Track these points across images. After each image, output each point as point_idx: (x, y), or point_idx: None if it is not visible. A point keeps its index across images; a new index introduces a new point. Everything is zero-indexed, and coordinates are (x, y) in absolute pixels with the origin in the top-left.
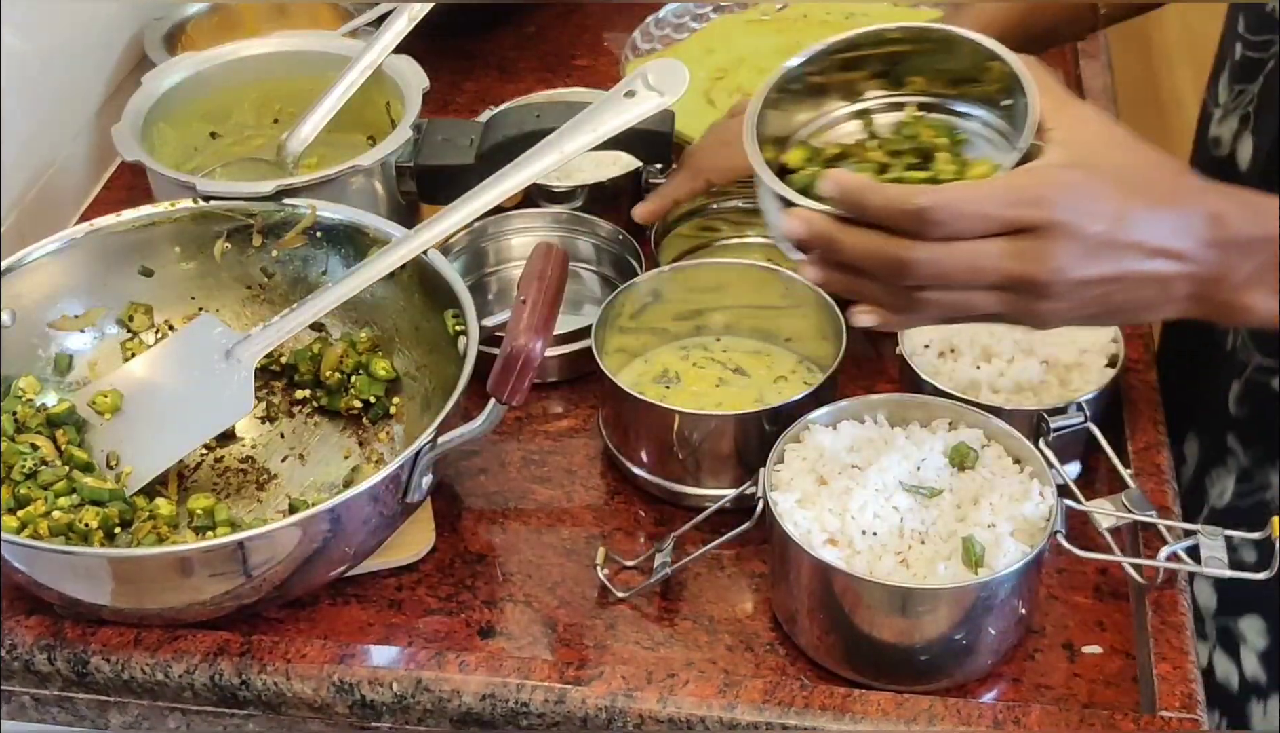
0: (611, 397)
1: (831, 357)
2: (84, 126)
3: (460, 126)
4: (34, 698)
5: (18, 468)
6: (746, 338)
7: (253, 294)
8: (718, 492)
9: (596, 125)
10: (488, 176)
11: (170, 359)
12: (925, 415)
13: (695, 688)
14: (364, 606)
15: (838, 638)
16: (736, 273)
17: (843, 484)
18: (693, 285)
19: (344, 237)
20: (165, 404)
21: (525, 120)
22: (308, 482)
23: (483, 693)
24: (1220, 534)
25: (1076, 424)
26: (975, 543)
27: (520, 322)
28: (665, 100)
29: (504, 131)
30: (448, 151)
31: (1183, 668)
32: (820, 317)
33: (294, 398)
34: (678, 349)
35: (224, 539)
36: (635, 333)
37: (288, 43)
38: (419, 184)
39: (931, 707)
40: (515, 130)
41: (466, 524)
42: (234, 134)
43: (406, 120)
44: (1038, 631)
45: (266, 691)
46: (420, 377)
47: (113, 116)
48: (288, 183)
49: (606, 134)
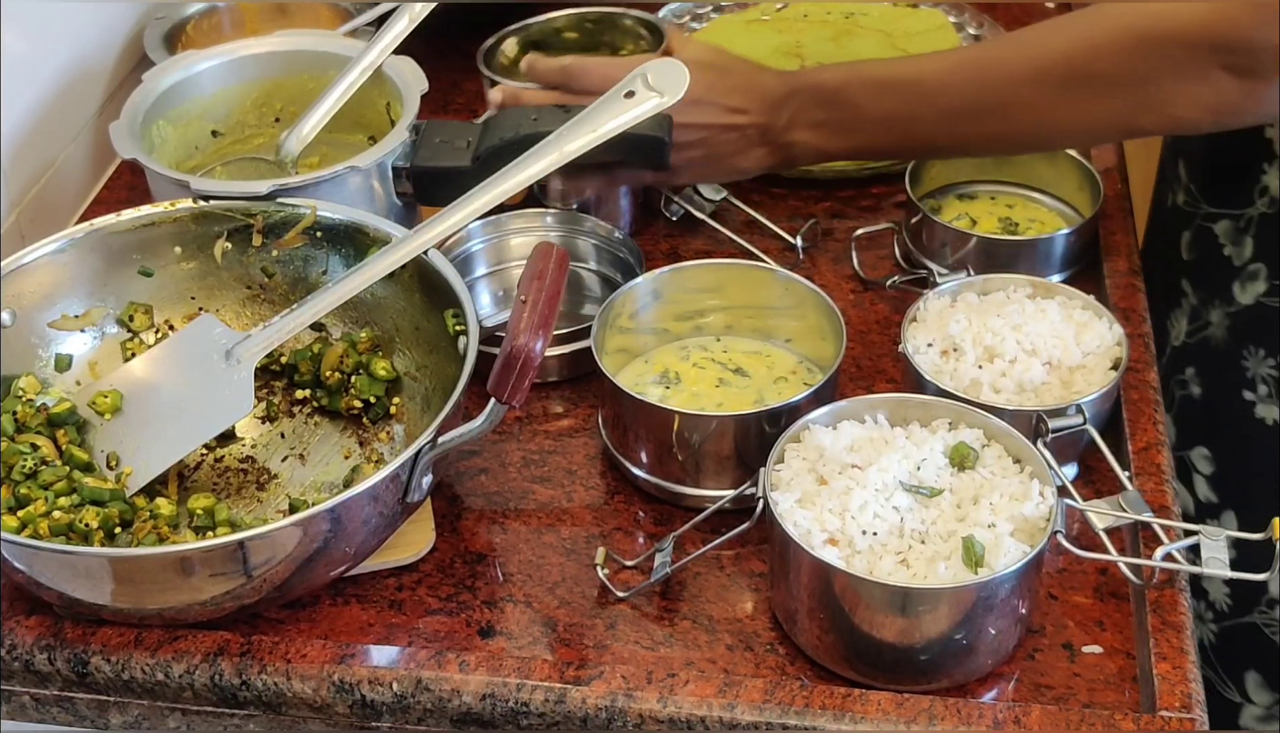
0: (611, 397)
1: (831, 357)
2: (84, 126)
3: (458, 128)
4: (34, 698)
5: (18, 468)
6: (746, 338)
7: (253, 294)
8: (717, 492)
9: (596, 125)
10: (484, 179)
11: (170, 359)
12: (925, 415)
13: (695, 688)
14: (364, 606)
15: (838, 638)
16: (736, 273)
17: (843, 484)
18: (692, 286)
19: (344, 237)
20: (165, 405)
21: (522, 123)
22: (308, 482)
23: (483, 693)
24: (1221, 535)
25: (1075, 426)
26: (975, 543)
27: (520, 322)
28: (665, 101)
29: (500, 134)
30: (444, 153)
31: (1182, 668)
32: (819, 317)
33: (294, 398)
34: (678, 349)
35: (224, 539)
36: (635, 333)
37: (290, 42)
38: (415, 185)
39: (931, 707)
40: (512, 133)
41: (466, 524)
42: (235, 133)
43: (403, 122)
44: (1038, 631)
45: (266, 691)
46: (420, 377)
47: (113, 116)
48: (283, 183)
49: (607, 134)
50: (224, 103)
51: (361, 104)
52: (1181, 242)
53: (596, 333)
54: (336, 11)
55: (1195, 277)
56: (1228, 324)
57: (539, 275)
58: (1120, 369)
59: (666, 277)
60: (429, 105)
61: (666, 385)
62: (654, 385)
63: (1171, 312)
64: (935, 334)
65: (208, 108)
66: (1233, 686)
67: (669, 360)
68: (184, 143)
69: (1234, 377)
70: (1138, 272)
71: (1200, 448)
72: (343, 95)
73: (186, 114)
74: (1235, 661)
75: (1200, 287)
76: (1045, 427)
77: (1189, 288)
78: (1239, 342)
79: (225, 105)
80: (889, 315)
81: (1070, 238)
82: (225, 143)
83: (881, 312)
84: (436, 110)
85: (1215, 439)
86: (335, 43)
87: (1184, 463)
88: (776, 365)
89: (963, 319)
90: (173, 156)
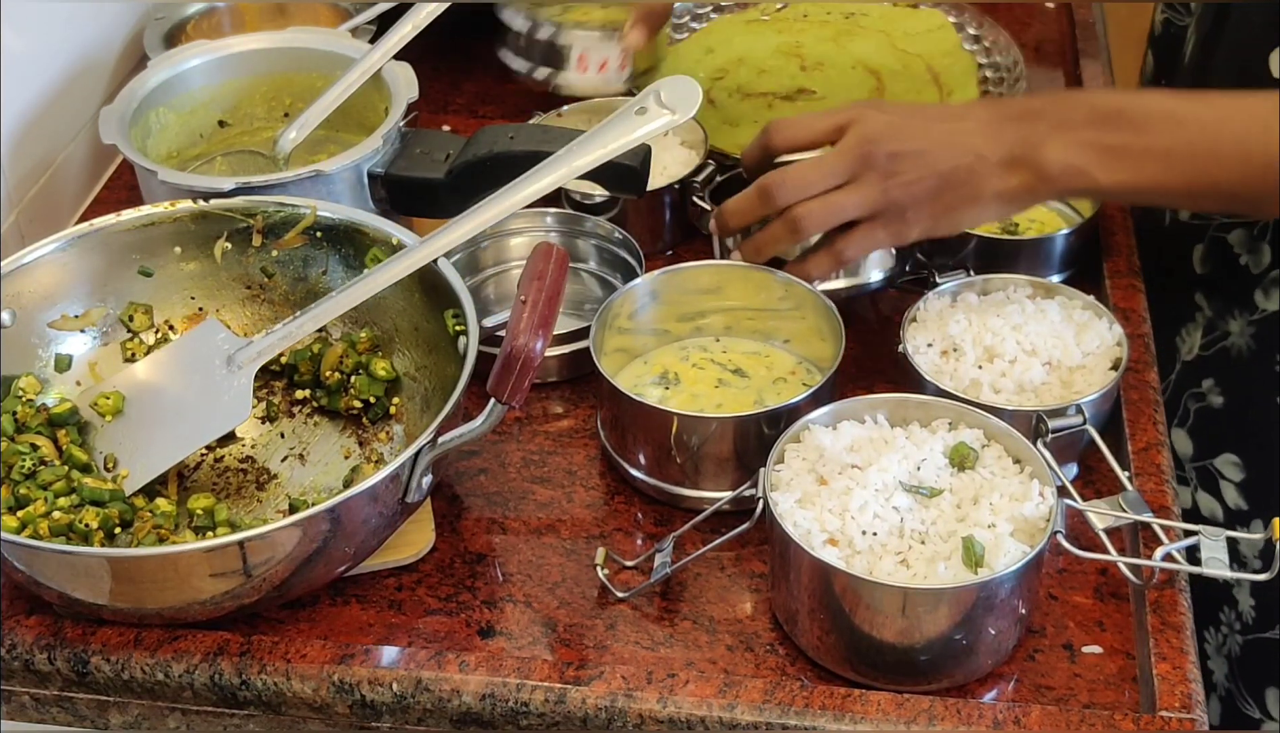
0: (610, 399)
1: (830, 357)
2: (84, 126)
3: (441, 140)
4: (34, 698)
5: (17, 468)
6: (745, 339)
7: (253, 294)
8: (716, 494)
9: (607, 141)
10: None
11: (173, 363)
12: (925, 415)
13: (695, 688)
14: (364, 606)
15: (838, 638)
16: (735, 274)
17: (843, 484)
18: (691, 287)
19: (344, 237)
20: (164, 408)
21: (498, 141)
22: (308, 482)
23: (483, 693)
24: (1221, 535)
25: (1075, 426)
26: (975, 543)
27: (520, 322)
28: (677, 118)
29: (475, 151)
30: (421, 164)
31: (1182, 668)
32: (819, 318)
33: (294, 398)
34: (677, 350)
35: (224, 539)
36: (634, 334)
37: (301, 39)
38: (389, 193)
39: (931, 707)
40: (486, 151)
41: (466, 524)
42: (244, 125)
43: (381, 130)
44: (1038, 631)
45: (266, 691)
46: (420, 377)
47: None
48: (246, 181)
49: (619, 150)
50: (233, 94)
51: (364, 105)
52: (1194, 256)
53: (595, 334)
54: (336, 11)
55: (1210, 289)
56: (1252, 332)
57: (539, 275)
58: (1120, 369)
59: (665, 278)
60: (429, 105)
61: (666, 386)
62: (653, 386)
63: (1182, 327)
64: (935, 334)
65: (215, 97)
66: (1253, 702)
67: (668, 361)
68: (186, 130)
69: (1263, 383)
70: (1138, 272)
71: (1228, 455)
72: (339, 96)
73: (190, 102)
74: (1257, 675)
75: (1217, 298)
76: (1045, 427)
77: (1203, 301)
78: (1267, 348)
79: (234, 96)
80: (889, 315)
81: (1070, 238)
82: (232, 133)
83: (881, 312)
84: (436, 111)
85: (1244, 446)
86: (349, 43)
87: (1209, 472)
88: (776, 366)
89: (963, 319)
90: (173, 143)
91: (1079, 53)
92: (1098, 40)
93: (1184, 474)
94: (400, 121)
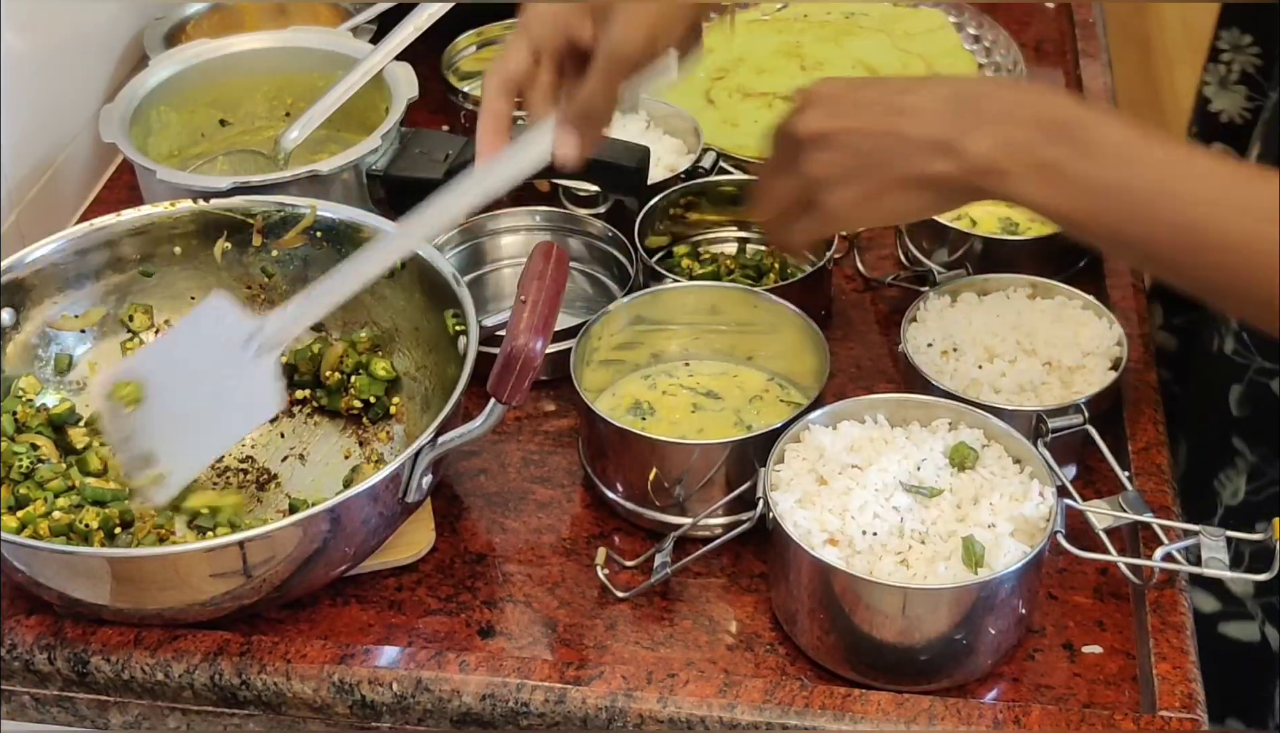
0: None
1: (804, 371)
2: (84, 126)
3: (441, 140)
4: (34, 698)
5: (16, 468)
6: (710, 360)
7: (253, 294)
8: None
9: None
10: None
11: (188, 346)
12: (925, 415)
13: (695, 688)
14: (364, 606)
15: (838, 638)
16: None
17: (843, 484)
18: (644, 314)
19: (344, 236)
20: (192, 398)
21: None
22: (308, 482)
23: (483, 693)
24: (1221, 535)
25: (1075, 426)
26: (975, 543)
27: (520, 322)
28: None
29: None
30: (420, 164)
31: (1182, 668)
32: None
33: (294, 398)
34: (641, 378)
35: (224, 539)
36: (600, 367)
37: (302, 38)
38: (389, 193)
39: (931, 707)
40: None
41: (466, 524)
42: (245, 124)
43: (380, 130)
44: (1038, 631)
45: (266, 691)
46: (420, 377)
47: None
48: (244, 180)
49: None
50: (234, 93)
51: (366, 106)
52: (1230, 396)
53: (575, 369)
54: (336, 11)
55: (1250, 434)
56: None
57: (539, 275)
58: (1120, 369)
59: (633, 304)
60: (430, 105)
61: (642, 416)
62: (629, 417)
63: (1222, 471)
64: (935, 334)
65: (217, 96)
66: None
67: (637, 391)
68: (188, 128)
69: None
70: (1138, 272)
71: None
72: (341, 96)
73: (193, 100)
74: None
75: (1260, 443)
76: (1045, 427)
77: (1242, 446)
78: None
79: (235, 95)
80: (889, 315)
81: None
82: (234, 132)
83: (881, 311)
84: (437, 111)
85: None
86: (351, 43)
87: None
88: (747, 385)
89: (963, 319)
90: (174, 142)
91: (1079, 53)
92: (1098, 40)
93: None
94: (399, 121)
